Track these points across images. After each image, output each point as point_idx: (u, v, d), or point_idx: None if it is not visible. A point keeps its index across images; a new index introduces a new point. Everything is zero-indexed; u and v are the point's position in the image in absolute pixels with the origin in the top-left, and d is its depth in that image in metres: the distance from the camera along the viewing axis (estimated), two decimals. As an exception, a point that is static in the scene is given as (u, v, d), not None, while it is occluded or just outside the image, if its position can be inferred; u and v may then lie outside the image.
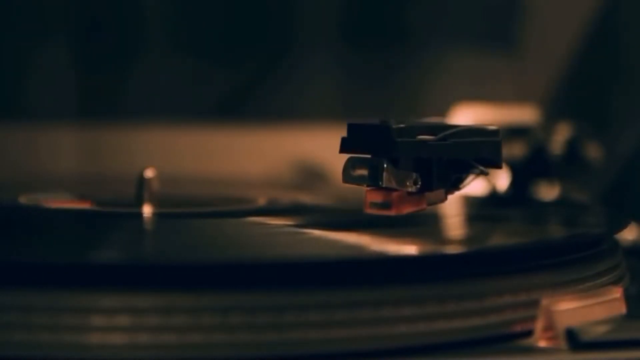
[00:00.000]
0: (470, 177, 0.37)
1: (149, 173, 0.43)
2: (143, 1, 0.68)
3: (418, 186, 0.36)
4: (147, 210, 0.42)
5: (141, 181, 0.43)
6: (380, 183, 0.35)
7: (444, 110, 0.61)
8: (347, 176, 0.36)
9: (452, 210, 0.40)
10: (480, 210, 0.46)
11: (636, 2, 0.65)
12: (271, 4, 0.71)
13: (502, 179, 0.50)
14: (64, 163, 0.66)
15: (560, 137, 0.54)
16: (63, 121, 0.66)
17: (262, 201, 0.46)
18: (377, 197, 0.36)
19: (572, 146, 0.54)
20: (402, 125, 0.35)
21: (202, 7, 0.69)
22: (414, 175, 0.36)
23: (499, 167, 0.38)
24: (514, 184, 0.52)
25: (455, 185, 0.37)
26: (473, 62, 0.71)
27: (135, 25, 0.68)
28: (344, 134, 0.37)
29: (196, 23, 0.70)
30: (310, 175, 0.65)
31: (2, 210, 0.45)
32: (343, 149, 0.36)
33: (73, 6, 0.67)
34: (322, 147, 0.60)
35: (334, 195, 0.50)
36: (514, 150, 0.53)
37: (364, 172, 0.36)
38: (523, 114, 0.57)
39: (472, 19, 0.72)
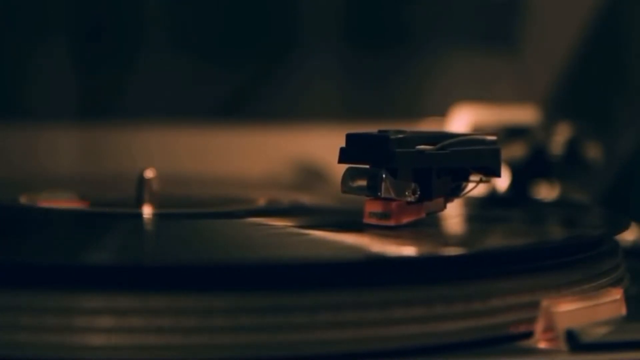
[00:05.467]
0: (470, 185, 0.37)
1: (149, 173, 0.43)
2: (143, 1, 0.68)
3: (417, 196, 0.36)
4: (147, 210, 0.42)
5: (141, 181, 0.43)
6: (379, 193, 0.36)
7: (444, 110, 0.61)
8: (346, 186, 0.37)
9: (452, 211, 0.40)
10: (480, 211, 0.46)
11: (636, 2, 0.65)
12: (271, 4, 0.71)
13: (502, 180, 0.50)
14: (64, 163, 0.66)
15: (560, 137, 0.54)
16: (63, 121, 0.66)
17: (262, 202, 0.46)
18: (376, 207, 0.36)
19: (572, 146, 0.54)
20: (400, 136, 0.36)
21: (202, 7, 0.69)
22: (413, 185, 0.36)
23: (498, 175, 0.38)
24: (514, 184, 0.52)
25: (455, 193, 0.37)
26: (473, 62, 0.71)
27: (135, 25, 0.68)
28: (344, 134, 0.37)
29: (196, 23, 0.70)
30: (310, 175, 0.65)
31: (1, 210, 0.45)
32: (342, 159, 0.36)
33: (73, 6, 0.67)
34: (322, 147, 0.60)
35: (334, 196, 0.50)
36: (514, 150, 0.53)
37: (362, 182, 0.36)
38: (523, 114, 0.57)
39: (472, 19, 0.72)
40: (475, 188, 0.38)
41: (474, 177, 0.38)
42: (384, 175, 0.35)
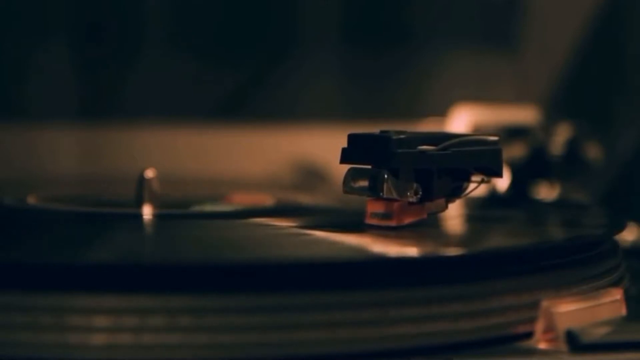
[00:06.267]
0: (471, 186, 0.37)
1: (149, 173, 0.43)
2: (143, 1, 0.68)
3: (419, 196, 0.36)
4: (147, 210, 0.42)
5: (141, 181, 0.43)
6: (381, 194, 0.36)
7: (444, 110, 0.61)
8: (348, 187, 0.37)
9: (452, 211, 0.40)
10: (480, 211, 0.46)
11: (636, 2, 0.65)
12: (271, 4, 0.71)
13: (502, 180, 0.50)
14: (64, 163, 0.66)
15: (560, 137, 0.54)
16: (63, 121, 0.66)
17: (262, 202, 0.46)
18: (378, 207, 0.36)
19: (572, 146, 0.54)
20: (402, 136, 0.36)
21: (202, 7, 0.69)
22: (415, 185, 0.36)
23: (499, 176, 0.38)
24: (514, 184, 0.52)
25: (456, 194, 0.37)
26: (473, 62, 0.71)
27: (135, 25, 0.68)
28: (344, 134, 0.37)
29: (196, 23, 0.70)
30: (310, 175, 0.65)
31: (1, 210, 0.45)
32: (343, 160, 0.36)
33: (73, 6, 0.67)
34: (322, 147, 0.60)
35: (335, 196, 0.50)
36: (514, 150, 0.53)
37: (364, 182, 0.36)
38: (523, 115, 0.57)
39: (472, 19, 0.72)
40: (477, 188, 0.38)
41: (475, 178, 0.38)
42: (385, 176, 0.35)
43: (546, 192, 0.53)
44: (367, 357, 0.30)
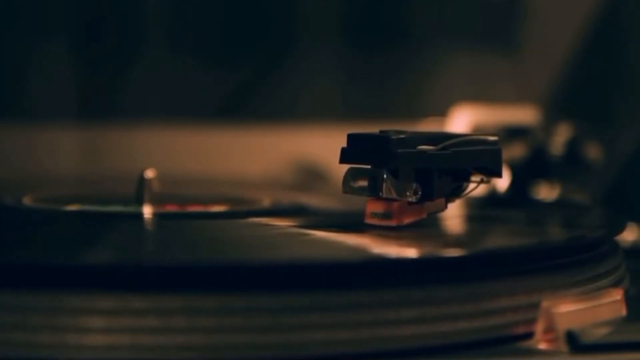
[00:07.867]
0: (471, 186, 0.37)
1: (149, 173, 0.43)
2: (143, 1, 0.68)
3: (418, 196, 0.36)
4: (147, 210, 0.42)
5: (141, 181, 0.43)
6: (380, 194, 0.36)
7: (444, 110, 0.61)
8: (347, 187, 0.37)
9: (452, 211, 0.40)
10: (480, 212, 0.46)
11: (636, 2, 0.65)
12: (271, 4, 0.71)
13: (502, 180, 0.50)
14: (64, 163, 0.66)
15: (560, 137, 0.54)
16: (63, 121, 0.66)
17: (262, 202, 0.46)
18: (377, 207, 0.36)
19: (572, 147, 0.54)
20: (402, 136, 0.36)
21: (202, 7, 0.69)
22: (414, 185, 0.36)
23: (499, 176, 0.38)
24: (513, 184, 0.52)
25: (456, 194, 0.38)
26: (473, 62, 0.71)
27: (135, 25, 0.68)
28: (344, 134, 0.37)
29: (196, 23, 0.70)
30: (310, 175, 0.65)
31: (1, 210, 0.45)
32: (343, 160, 0.36)
33: (73, 6, 0.67)
34: (322, 147, 0.60)
35: (335, 196, 0.50)
36: (514, 151, 0.53)
37: (364, 182, 0.36)
38: (523, 115, 0.57)
39: (472, 19, 0.72)
40: (477, 188, 0.38)
41: (475, 178, 0.38)
42: (385, 176, 0.36)
43: (546, 192, 0.53)
44: (366, 358, 0.30)
